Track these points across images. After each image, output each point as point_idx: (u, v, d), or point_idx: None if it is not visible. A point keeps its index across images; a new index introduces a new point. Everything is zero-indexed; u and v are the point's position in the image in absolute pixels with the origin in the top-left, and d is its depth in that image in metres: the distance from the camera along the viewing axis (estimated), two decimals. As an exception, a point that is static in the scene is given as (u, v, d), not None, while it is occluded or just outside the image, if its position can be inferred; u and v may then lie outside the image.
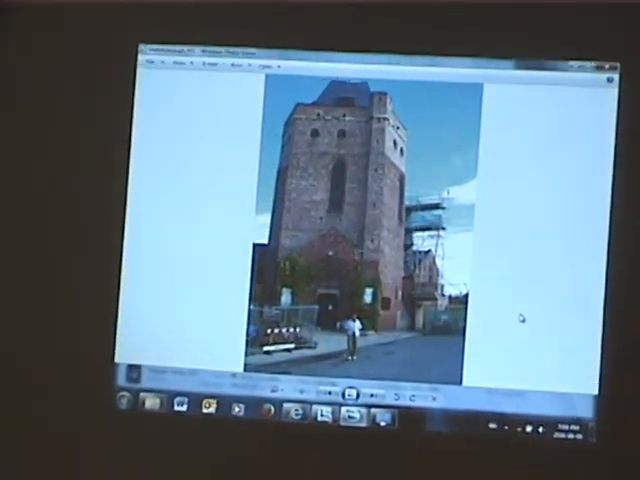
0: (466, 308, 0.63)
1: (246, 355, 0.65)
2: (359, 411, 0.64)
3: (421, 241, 0.71)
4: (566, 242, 0.63)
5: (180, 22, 0.65)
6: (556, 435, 0.62)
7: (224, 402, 0.65)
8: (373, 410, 0.64)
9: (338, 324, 0.68)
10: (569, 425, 0.62)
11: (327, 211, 0.72)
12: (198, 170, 0.66)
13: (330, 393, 0.64)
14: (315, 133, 0.71)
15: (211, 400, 0.65)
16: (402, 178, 0.72)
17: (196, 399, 0.65)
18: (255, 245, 0.65)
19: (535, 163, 0.64)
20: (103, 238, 0.65)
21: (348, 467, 0.63)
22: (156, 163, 0.66)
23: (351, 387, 0.64)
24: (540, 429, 0.63)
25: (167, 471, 0.64)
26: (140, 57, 0.66)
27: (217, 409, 0.65)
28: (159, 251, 0.66)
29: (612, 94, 0.63)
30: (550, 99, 0.63)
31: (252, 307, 0.65)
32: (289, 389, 0.65)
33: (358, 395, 0.64)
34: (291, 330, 0.69)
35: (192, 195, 0.66)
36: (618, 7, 0.61)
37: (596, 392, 0.62)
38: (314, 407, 0.64)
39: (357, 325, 0.67)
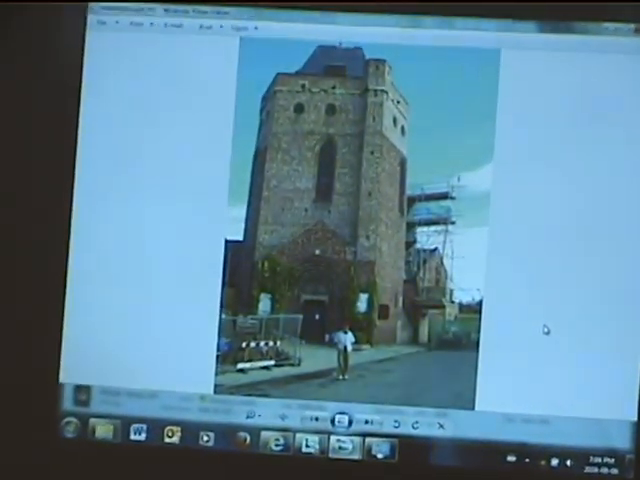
0: (480, 318, 0.60)
1: (216, 374, 0.61)
2: (352, 441, 0.61)
3: (426, 238, 0.68)
4: (599, 239, 0.59)
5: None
6: (587, 469, 0.59)
7: (190, 430, 0.61)
8: (368, 440, 0.61)
9: (327, 337, 0.65)
10: (602, 457, 0.59)
11: (314, 201, 0.69)
12: (159, 153, 0.62)
13: (317, 419, 0.61)
14: (299, 108, 0.67)
15: (175, 428, 0.61)
16: (403, 162, 0.68)
17: (157, 426, 0.61)
18: (227, 242, 0.62)
19: (562, 144, 0.60)
20: (45, 232, 0.61)
21: (339, 508, 0.61)
22: (108, 145, 0.62)
23: (342, 412, 0.61)
24: (568, 462, 0.59)
25: (122, 512, 0.61)
26: (90, 17, 0.62)
27: (182, 438, 0.61)
28: (111, 250, 0.62)
29: (654, 62, 0.59)
30: (580, 68, 0.60)
31: (224, 316, 0.62)
32: (268, 414, 0.61)
33: (350, 422, 0.61)
34: (270, 344, 0.66)
35: (151, 184, 0.62)
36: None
37: (635, 418, 0.59)
38: (298, 436, 0.61)
39: (349, 338, 0.64)
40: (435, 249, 0.67)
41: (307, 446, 0.61)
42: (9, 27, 0.62)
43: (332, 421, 0.61)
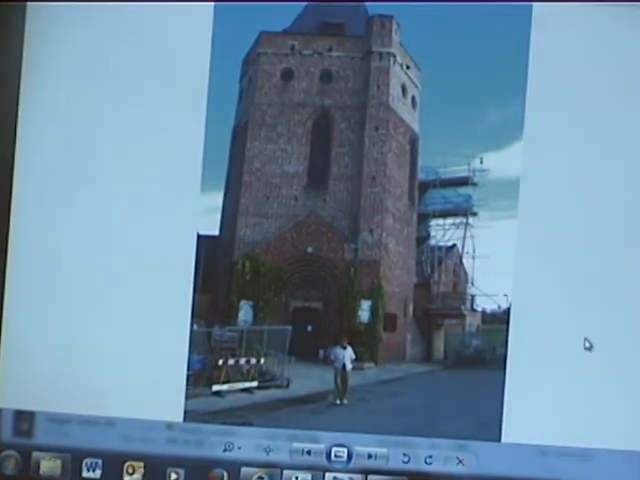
0: (507, 329, 0.57)
1: (187, 398, 0.58)
2: (351, 478, 0.57)
3: (442, 232, 0.67)
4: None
5: None
6: (636, 513, 0.55)
7: (155, 465, 0.57)
8: (372, 478, 0.57)
9: (321, 353, 0.64)
10: (655, 499, 0.55)
11: (305, 188, 0.68)
12: (118, 130, 0.58)
13: (309, 453, 0.57)
14: (288, 74, 0.66)
15: (136, 463, 0.58)
16: (414, 140, 0.67)
17: (114, 461, 0.58)
18: (200, 237, 0.58)
19: (607, 119, 0.56)
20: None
21: None
22: (56, 125, 0.58)
23: (340, 444, 0.57)
24: (614, 505, 0.55)
25: None
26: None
27: (145, 475, 0.57)
28: (58, 248, 0.58)
29: None
30: (629, 26, 0.55)
31: (196, 327, 0.58)
32: (250, 447, 0.57)
33: (350, 455, 0.57)
34: (252, 361, 0.64)
35: (108, 167, 0.58)
36: None
37: (693, 451, 0.55)
38: (286, 473, 0.57)
39: (349, 354, 0.64)
40: (453, 246, 0.65)
41: (297, 485, 0.57)
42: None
43: (328, 455, 0.57)
